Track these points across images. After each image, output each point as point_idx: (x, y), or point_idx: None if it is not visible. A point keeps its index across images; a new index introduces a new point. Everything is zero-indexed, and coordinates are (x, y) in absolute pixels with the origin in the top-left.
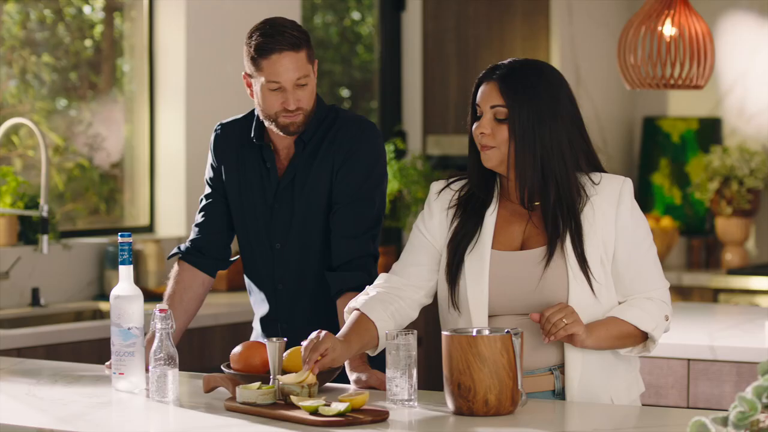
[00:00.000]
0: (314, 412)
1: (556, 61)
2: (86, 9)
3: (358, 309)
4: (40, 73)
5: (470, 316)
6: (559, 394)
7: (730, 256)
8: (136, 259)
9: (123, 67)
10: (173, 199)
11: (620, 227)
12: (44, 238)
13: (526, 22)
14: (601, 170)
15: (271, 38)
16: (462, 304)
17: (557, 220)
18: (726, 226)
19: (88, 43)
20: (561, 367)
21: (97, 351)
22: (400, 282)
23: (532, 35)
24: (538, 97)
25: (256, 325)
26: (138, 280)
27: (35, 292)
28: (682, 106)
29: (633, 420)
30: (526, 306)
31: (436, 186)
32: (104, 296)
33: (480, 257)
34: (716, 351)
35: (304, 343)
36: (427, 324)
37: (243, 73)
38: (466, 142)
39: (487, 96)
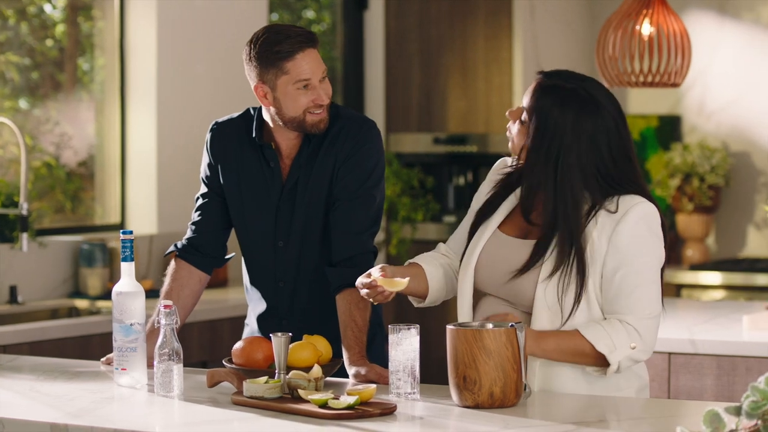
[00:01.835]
0: (324, 405)
1: (518, 61)
2: (47, 8)
3: (414, 262)
4: (8, 71)
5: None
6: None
7: (691, 252)
8: (111, 257)
9: (84, 66)
10: (144, 197)
11: (612, 244)
12: (24, 236)
13: (489, 21)
14: (634, 187)
15: (288, 38)
16: (458, 277)
17: (547, 248)
18: (687, 222)
19: (50, 42)
20: None
21: (80, 348)
22: (446, 250)
23: (495, 35)
24: (559, 124)
25: (251, 322)
26: (112, 276)
27: (13, 290)
28: (642, 104)
29: (633, 411)
30: (502, 290)
31: (499, 163)
32: (79, 294)
33: (481, 234)
34: (696, 345)
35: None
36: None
37: (254, 85)
38: (428, 139)
39: (527, 95)
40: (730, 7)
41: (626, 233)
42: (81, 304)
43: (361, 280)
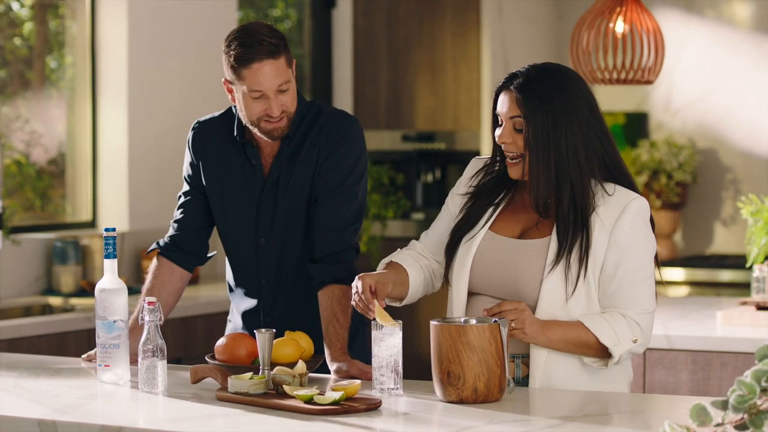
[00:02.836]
0: (309, 400)
1: (486, 58)
2: (15, 6)
3: (390, 261)
4: None
5: (453, 291)
6: (519, 383)
7: (659, 249)
8: (84, 255)
9: (51, 64)
10: (116, 195)
11: (613, 240)
12: None
13: (457, 19)
14: (624, 180)
15: (250, 47)
16: (453, 280)
17: (568, 228)
18: (655, 219)
19: (18, 41)
20: (524, 356)
21: (55, 345)
22: (422, 249)
23: (463, 32)
24: (554, 104)
25: (235, 319)
26: (85, 274)
27: None
28: (609, 101)
29: (616, 406)
30: (501, 291)
31: (474, 164)
32: (52, 291)
33: (473, 237)
34: (672, 340)
35: (361, 282)
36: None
37: (223, 80)
38: (397, 136)
39: (506, 106)
40: (696, 5)
41: (626, 229)
42: (54, 301)
43: (359, 293)
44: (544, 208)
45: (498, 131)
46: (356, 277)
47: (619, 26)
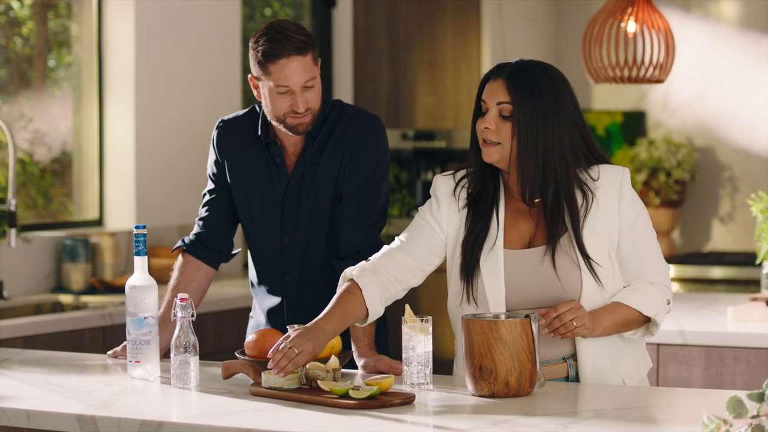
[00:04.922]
0: (344, 395)
1: (486, 57)
2: (15, 6)
3: (355, 282)
4: None
5: (488, 311)
6: (573, 381)
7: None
8: (92, 253)
9: (53, 63)
10: (123, 193)
11: (623, 218)
12: (12, 232)
13: (457, 18)
14: (603, 160)
15: (278, 43)
16: (480, 299)
17: (556, 217)
18: (653, 216)
19: (18, 40)
20: (573, 355)
21: (71, 342)
22: (406, 261)
23: (463, 31)
24: (544, 96)
25: (258, 316)
26: (95, 272)
27: None
28: (607, 100)
29: (643, 399)
30: (541, 302)
31: (444, 181)
32: (62, 289)
33: (494, 256)
34: (686, 336)
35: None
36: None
37: (249, 76)
38: (397, 136)
39: (494, 92)
40: (693, 4)
41: (628, 205)
42: (65, 299)
43: (293, 358)
44: (530, 197)
45: (481, 118)
46: (294, 331)
47: (631, 26)
